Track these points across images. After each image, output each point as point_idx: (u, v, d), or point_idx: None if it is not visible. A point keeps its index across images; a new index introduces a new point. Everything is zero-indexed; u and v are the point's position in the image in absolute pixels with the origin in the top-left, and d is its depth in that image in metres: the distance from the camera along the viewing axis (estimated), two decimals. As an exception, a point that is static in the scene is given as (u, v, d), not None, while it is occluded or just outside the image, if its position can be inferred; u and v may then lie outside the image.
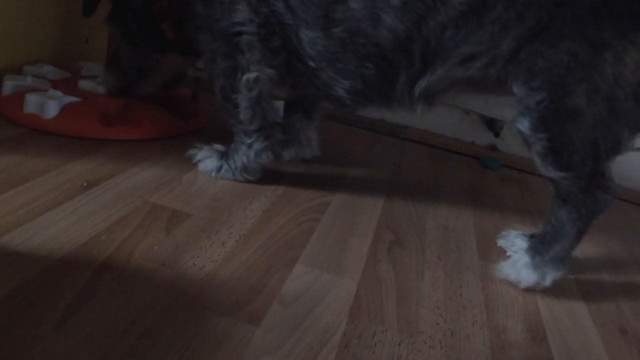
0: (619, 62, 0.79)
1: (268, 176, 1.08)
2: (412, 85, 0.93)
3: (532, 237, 0.99)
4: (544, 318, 0.84)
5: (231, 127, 1.04)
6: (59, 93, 1.10)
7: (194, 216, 0.88)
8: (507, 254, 1.00)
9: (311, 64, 0.97)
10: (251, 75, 0.98)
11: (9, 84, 1.12)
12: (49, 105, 1.06)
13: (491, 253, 1.00)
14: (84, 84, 1.22)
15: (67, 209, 0.81)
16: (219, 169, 1.05)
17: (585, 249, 1.12)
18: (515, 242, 1.00)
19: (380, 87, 0.96)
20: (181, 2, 1.05)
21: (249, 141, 1.03)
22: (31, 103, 1.06)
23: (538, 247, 0.90)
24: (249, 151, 1.03)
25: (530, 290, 0.90)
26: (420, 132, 1.57)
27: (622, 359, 0.79)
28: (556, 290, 0.93)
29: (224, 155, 1.05)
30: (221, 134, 1.11)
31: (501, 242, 1.03)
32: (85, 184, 0.89)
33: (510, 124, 0.88)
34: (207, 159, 1.06)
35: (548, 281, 0.89)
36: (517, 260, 0.91)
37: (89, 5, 1.11)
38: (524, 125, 0.85)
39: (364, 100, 1.00)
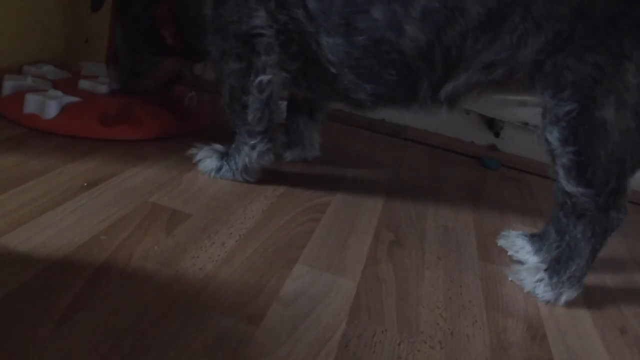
0: None
1: (268, 176, 1.08)
2: (436, 90, 0.94)
3: (532, 236, 0.99)
4: (544, 318, 0.84)
5: (235, 127, 1.04)
6: (59, 93, 1.10)
7: (193, 216, 0.88)
8: (509, 253, 1.00)
9: (332, 69, 0.97)
10: (265, 77, 0.98)
11: (9, 84, 1.12)
12: (49, 105, 1.06)
13: (491, 253, 1.00)
14: (84, 84, 1.22)
15: (67, 209, 0.81)
16: (219, 169, 1.05)
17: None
18: (515, 242, 1.00)
19: (402, 91, 0.97)
20: (184, 7, 1.06)
21: (252, 142, 1.03)
22: (31, 103, 1.06)
23: (554, 266, 0.89)
24: (251, 152, 1.03)
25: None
26: (420, 132, 1.58)
27: None
28: (556, 290, 0.93)
29: (224, 156, 1.06)
30: (221, 134, 1.11)
31: (501, 242, 1.03)
32: (85, 184, 0.89)
33: (539, 135, 0.87)
34: (207, 159, 1.06)
35: (562, 301, 0.88)
36: (534, 272, 0.91)
37: (97, 1, 1.14)
38: (553, 135, 0.84)
39: (386, 102, 1.01)
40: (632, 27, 0.79)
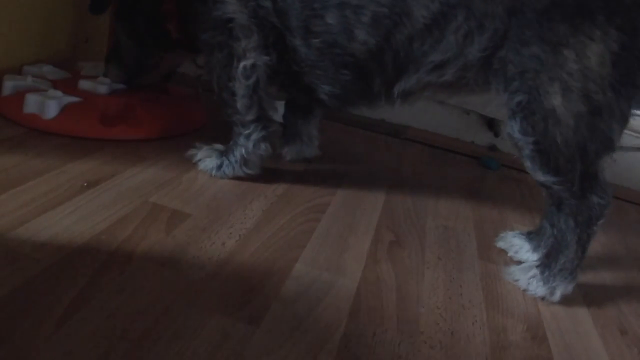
0: (583, 57, 0.81)
1: (268, 176, 1.08)
2: (389, 89, 0.98)
3: (529, 234, 1.00)
4: (544, 318, 0.84)
5: (229, 118, 1.05)
6: (59, 93, 1.10)
7: (193, 216, 0.88)
8: (509, 254, 1.00)
9: (295, 67, 1.01)
10: (247, 62, 1.01)
11: (9, 84, 1.13)
12: (49, 105, 1.06)
13: (491, 253, 1.01)
14: (84, 84, 1.22)
15: (67, 208, 0.82)
16: (219, 167, 1.05)
17: (594, 257, 1.13)
18: (513, 242, 1.01)
19: (357, 91, 1.01)
20: (187, 3, 1.09)
21: (246, 132, 1.05)
22: (31, 103, 1.06)
23: (545, 261, 0.90)
24: (247, 142, 1.05)
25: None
26: (420, 132, 1.58)
27: None
28: (556, 291, 0.93)
29: (223, 153, 1.06)
30: (221, 134, 1.11)
31: (500, 244, 1.03)
32: (86, 184, 0.89)
33: (506, 132, 0.89)
34: (207, 158, 1.07)
35: (557, 296, 0.88)
36: (527, 269, 0.92)
37: (99, 5, 1.16)
38: (514, 129, 0.87)
39: (344, 102, 1.05)
40: (564, 16, 0.82)
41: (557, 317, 0.85)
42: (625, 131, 1.50)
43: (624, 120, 0.86)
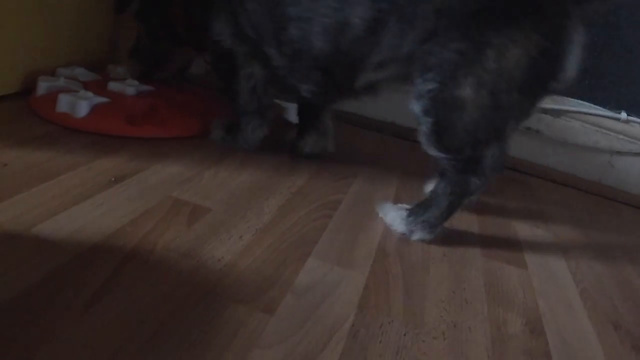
0: (501, 57, 0.83)
1: (283, 175, 1.09)
2: (351, 84, 1.03)
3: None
4: (542, 313, 0.84)
5: (234, 109, 1.16)
6: (89, 94, 1.11)
7: (213, 211, 0.89)
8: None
9: (278, 72, 1.08)
10: (246, 70, 1.11)
11: (43, 85, 1.14)
12: (79, 105, 1.07)
13: (493, 250, 1.00)
14: (112, 86, 1.23)
15: (96, 202, 0.82)
16: (223, 138, 1.18)
17: (583, 248, 1.12)
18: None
19: (329, 87, 1.06)
20: (192, 9, 1.19)
21: (247, 119, 1.16)
22: (63, 103, 1.07)
23: (415, 209, 0.97)
24: (247, 127, 1.16)
25: (528, 286, 0.91)
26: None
27: (615, 354, 0.78)
28: (554, 287, 0.93)
29: (231, 127, 1.18)
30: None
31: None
32: (113, 179, 0.90)
33: (409, 105, 0.94)
34: (215, 130, 1.20)
35: (414, 237, 0.96)
36: (398, 209, 0.99)
37: (121, 4, 1.27)
38: (416, 108, 0.91)
39: (323, 97, 1.12)
40: (492, 18, 0.84)
41: (554, 312, 0.85)
42: (623, 137, 1.49)
43: (523, 117, 0.92)
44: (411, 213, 0.97)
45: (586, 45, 0.86)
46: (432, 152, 0.93)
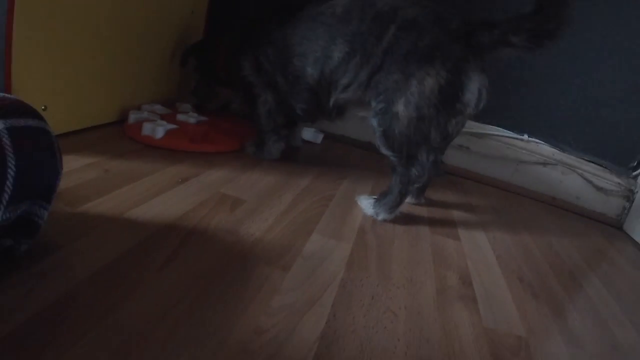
0: (421, 84, 0.86)
1: (295, 177, 1.08)
2: (327, 103, 1.02)
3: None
4: (470, 270, 0.84)
5: (258, 128, 1.15)
6: (164, 122, 1.11)
7: (248, 201, 0.88)
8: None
9: (284, 96, 1.08)
10: (262, 98, 1.10)
11: (133, 116, 1.13)
12: (158, 130, 1.06)
13: (437, 228, 1.00)
14: (180, 117, 1.23)
15: (167, 196, 0.82)
16: (254, 152, 1.16)
17: (497, 226, 1.12)
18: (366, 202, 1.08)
19: (315, 106, 1.05)
20: (230, 61, 1.18)
21: (267, 136, 1.14)
22: (147, 128, 1.07)
23: (379, 198, 0.98)
24: (268, 142, 1.15)
25: (461, 252, 0.90)
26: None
27: (519, 298, 0.78)
28: (478, 253, 0.92)
29: (259, 144, 1.16)
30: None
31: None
32: (180, 180, 0.90)
33: (369, 124, 0.94)
34: (249, 147, 1.16)
35: (380, 217, 0.96)
36: (368, 200, 0.99)
37: (184, 60, 1.30)
38: (373, 122, 0.92)
39: (311, 115, 1.09)
40: (415, 59, 0.87)
41: (479, 270, 0.85)
42: (525, 151, 1.49)
43: (443, 129, 0.89)
44: (376, 200, 0.97)
45: (483, 80, 0.88)
46: (384, 151, 0.93)
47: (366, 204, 0.98)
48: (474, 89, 0.86)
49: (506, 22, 0.82)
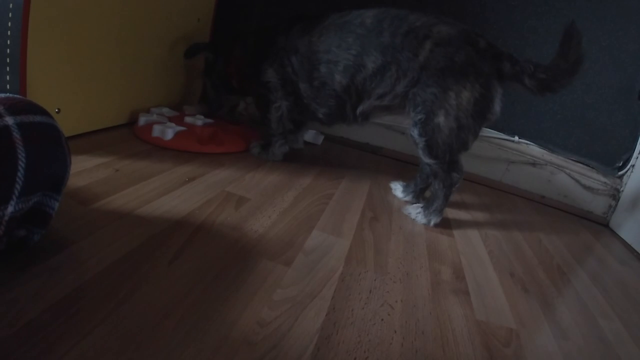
0: (459, 97, 0.88)
1: (297, 176, 1.08)
2: (354, 110, 1.02)
3: (404, 185, 1.12)
4: (463, 266, 0.84)
5: (267, 132, 1.15)
6: (173, 124, 1.11)
7: (252, 200, 0.88)
8: (393, 192, 1.12)
9: (305, 101, 1.07)
10: (276, 104, 1.10)
11: (142, 119, 1.13)
12: (167, 132, 1.06)
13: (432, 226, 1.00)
14: (187, 119, 1.23)
15: (176, 194, 0.82)
16: (259, 153, 1.16)
17: (489, 223, 1.12)
18: (396, 186, 1.13)
19: (338, 112, 1.05)
20: (243, 68, 1.17)
21: (275, 139, 1.14)
22: (156, 130, 1.07)
23: (426, 205, 0.99)
24: (275, 144, 1.15)
25: (454, 248, 0.90)
26: (390, 151, 1.56)
27: (510, 292, 0.78)
28: (471, 249, 0.92)
29: (264, 147, 1.16)
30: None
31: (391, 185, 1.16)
32: (187, 179, 0.90)
33: (409, 134, 0.95)
34: (255, 148, 1.16)
35: (432, 223, 0.97)
36: (416, 208, 1.00)
37: (191, 53, 1.26)
38: (414, 133, 0.92)
39: (332, 120, 1.08)
40: (452, 74, 0.88)
41: (471, 265, 0.85)
42: (515, 152, 1.48)
43: (475, 135, 0.92)
44: (425, 208, 0.98)
45: (501, 93, 0.92)
46: (427, 160, 0.94)
47: (416, 213, 0.99)
48: (499, 100, 0.91)
49: (526, 64, 0.87)
